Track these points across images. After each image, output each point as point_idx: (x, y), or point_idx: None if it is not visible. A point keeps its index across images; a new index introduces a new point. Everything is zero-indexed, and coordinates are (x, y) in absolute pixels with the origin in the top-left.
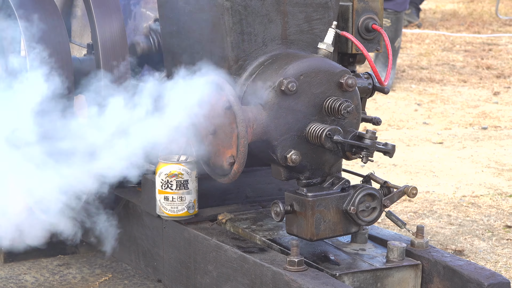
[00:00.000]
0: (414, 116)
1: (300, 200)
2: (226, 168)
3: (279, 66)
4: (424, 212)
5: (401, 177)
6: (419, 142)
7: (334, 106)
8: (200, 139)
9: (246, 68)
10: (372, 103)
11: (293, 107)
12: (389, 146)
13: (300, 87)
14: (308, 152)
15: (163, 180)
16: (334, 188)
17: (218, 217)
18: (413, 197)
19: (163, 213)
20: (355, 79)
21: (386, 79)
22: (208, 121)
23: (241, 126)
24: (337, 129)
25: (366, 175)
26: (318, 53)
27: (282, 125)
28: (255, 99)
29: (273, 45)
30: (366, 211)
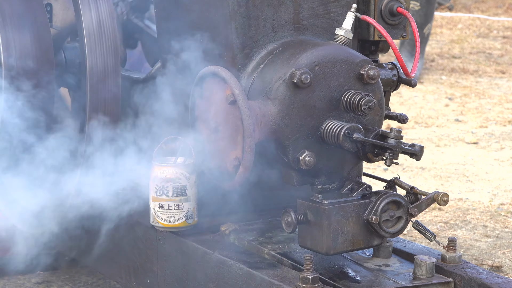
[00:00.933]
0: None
1: (314, 208)
2: (230, 171)
3: (291, 55)
4: (457, 222)
5: (430, 182)
6: (450, 142)
7: (354, 101)
8: (201, 139)
9: (253, 57)
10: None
11: (306, 102)
12: (416, 147)
13: (314, 79)
14: (323, 153)
15: (158, 185)
16: (353, 194)
17: (221, 227)
18: (444, 205)
19: (157, 223)
20: (378, 70)
21: (413, 70)
22: (210, 117)
23: (247, 124)
24: (357, 127)
25: (390, 180)
26: (335, 40)
27: (294, 122)
28: (263, 92)
29: (284, 31)
30: (390, 221)
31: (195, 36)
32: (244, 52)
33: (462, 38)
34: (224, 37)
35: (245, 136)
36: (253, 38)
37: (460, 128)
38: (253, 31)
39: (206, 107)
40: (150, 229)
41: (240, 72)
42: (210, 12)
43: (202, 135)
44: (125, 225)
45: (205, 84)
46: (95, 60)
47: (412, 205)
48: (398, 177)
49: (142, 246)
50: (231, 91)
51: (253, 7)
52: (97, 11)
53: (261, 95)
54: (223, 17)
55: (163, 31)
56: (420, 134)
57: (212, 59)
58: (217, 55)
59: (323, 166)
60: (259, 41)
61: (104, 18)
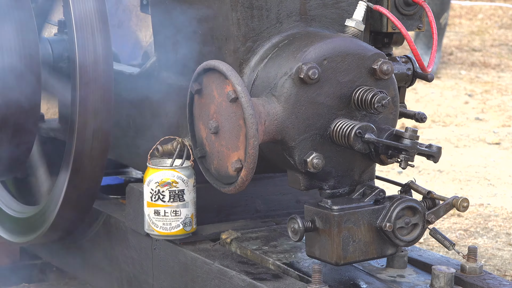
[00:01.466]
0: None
1: (323, 214)
2: (231, 175)
3: (297, 49)
4: (477, 230)
5: (448, 186)
6: (470, 142)
7: (366, 98)
8: (200, 139)
9: (256, 51)
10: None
11: (314, 99)
12: (433, 148)
13: (323, 75)
14: (333, 155)
15: (153, 190)
16: (365, 199)
17: (222, 235)
18: (464, 211)
19: (153, 231)
20: (392, 64)
21: (430, 64)
22: (209, 116)
23: (250, 123)
24: (370, 126)
25: (405, 183)
26: (346, 32)
27: (301, 121)
28: (267, 89)
29: (290, 23)
30: (405, 229)
31: (193, 28)
32: (246, 45)
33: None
34: (224, 29)
35: (247, 137)
36: (256, 30)
37: (481, 127)
38: (256, 23)
39: (205, 105)
40: (145, 237)
41: (242, 67)
42: (209, 2)
43: (201, 135)
44: (117, 233)
45: (204, 80)
46: (86, 54)
47: (429, 211)
48: (413, 180)
49: (136, 256)
50: (232, 88)
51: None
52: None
53: (265, 92)
54: (223, 7)
55: (158, 22)
56: (438, 133)
57: (212, 53)
58: (217, 48)
59: (333, 169)
60: (263, 33)
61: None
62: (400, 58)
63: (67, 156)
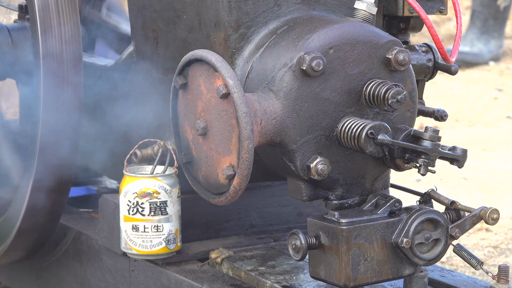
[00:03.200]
0: (493, 107)
1: (329, 229)
2: (222, 183)
3: (299, 36)
4: (509, 246)
5: (474, 195)
6: (500, 145)
7: (379, 92)
8: (185, 142)
9: (251, 38)
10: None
11: (319, 94)
12: (458, 151)
13: (329, 66)
14: (341, 159)
15: (131, 201)
16: (378, 211)
17: (211, 254)
18: (493, 224)
19: (131, 249)
20: (409, 53)
21: (453, 54)
22: (196, 115)
23: (243, 123)
24: (383, 126)
25: (425, 192)
26: (355, 16)
27: (304, 121)
28: (264, 83)
29: (290, 5)
30: (425, 245)
31: (176, 13)
32: (239, 32)
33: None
34: (213, 13)
35: (241, 139)
36: (250, 14)
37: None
38: (251, 5)
39: (191, 102)
40: (121, 257)
41: (235, 57)
42: None
43: (187, 137)
44: (89, 252)
45: (190, 73)
46: (51, 44)
47: (453, 224)
48: (435, 189)
49: (111, 279)
50: (223, 82)
51: None
52: None
53: (261, 87)
54: None
55: (135, 6)
56: (462, 135)
57: (199, 41)
58: (205, 36)
59: (340, 176)
60: (259, 17)
61: None
62: (419, 46)
63: (29, 164)
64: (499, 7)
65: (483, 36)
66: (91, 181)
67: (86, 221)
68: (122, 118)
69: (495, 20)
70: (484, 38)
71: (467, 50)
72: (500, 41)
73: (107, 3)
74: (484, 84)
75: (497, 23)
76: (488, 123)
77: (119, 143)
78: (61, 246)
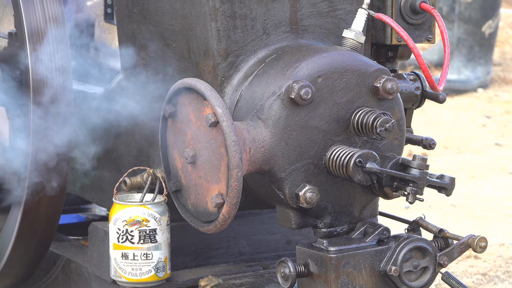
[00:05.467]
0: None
1: (318, 257)
2: (211, 211)
3: (287, 64)
4: (498, 274)
5: (463, 223)
6: (489, 172)
7: (367, 121)
8: (174, 171)
9: (240, 66)
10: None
11: (307, 123)
12: (446, 179)
13: (317, 94)
14: (329, 188)
15: (121, 229)
16: (367, 239)
17: (200, 282)
18: (482, 252)
19: (120, 277)
20: (397, 81)
21: (441, 82)
22: (185, 143)
23: (232, 151)
24: (372, 154)
25: (413, 220)
26: (343, 44)
27: (292, 149)
28: (252, 111)
29: (279, 34)
30: (413, 273)
31: (166, 41)
32: (228, 60)
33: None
34: (202, 42)
35: (230, 167)
36: (239, 42)
37: (501, 154)
38: (240, 34)
39: (180, 130)
40: (111, 285)
41: (223, 85)
42: (185, 10)
43: (176, 165)
44: (78, 279)
45: (179, 101)
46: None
47: (441, 252)
48: (423, 217)
49: None
50: (212, 110)
51: (239, 4)
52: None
53: (250, 115)
54: (201, 16)
55: (125, 34)
56: (451, 162)
57: (188, 69)
58: (194, 64)
59: (329, 204)
60: (247, 46)
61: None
62: (407, 75)
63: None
64: (484, 34)
65: (470, 63)
66: (81, 208)
67: (75, 249)
68: (111, 145)
69: (480, 47)
70: (471, 65)
71: (454, 78)
72: (487, 68)
73: (94, 44)
74: (472, 111)
75: (483, 50)
76: (477, 150)
77: (108, 171)
78: (50, 273)
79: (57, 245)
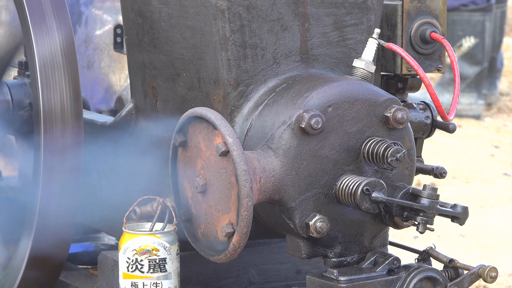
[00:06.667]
0: (490, 163)
1: (328, 286)
2: (221, 241)
3: (298, 94)
4: None
5: (473, 253)
6: (497, 202)
7: (378, 150)
8: (184, 200)
9: (250, 96)
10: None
11: (318, 152)
12: (458, 209)
13: (328, 124)
14: (339, 217)
15: (130, 258)
16: (377, 269)
17: None
18: (492, 282)
19: None
20: (407, 111)
21: (452, 112)
22: (195, 173)
23: (243, 181)
24: (378, 182)
25: (424, 250)
26: (353, 74)
27: (303, 178)
28: (263, 141)
29: (289, 63)
30: None
31: (176, 70)
32: (238, 89)
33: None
34: (213, 71)
35: (240, 197)
36: (249, 72)
37: (510, 184)
38: (250, 63)
39: (190, 159)
40: None
41: (234, 115)
42: (195, 40)
43: (186, 194)
44: None
45: (189, 130)
46: (51, 100)
47: (451, 282)
48: (433, 246)
49: None
50: (222, 139)
51: (249, 33)
52: (54, 37)
53: (261, 144)
54: (211, 45)
55: (135, 63)
56: (459, 191)
57: (198, 99)
58: (204, 93)
59: (339, 234)
60: (258, 75)
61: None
62: (417, 104)
63: (30, 221)
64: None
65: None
66: (90, 237)
67: (85, 278)
68: (122, 175)
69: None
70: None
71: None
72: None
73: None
74: (480, 140)
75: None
76: (485, 180)
77: (118, 200)
78: None
79: (67, 274)
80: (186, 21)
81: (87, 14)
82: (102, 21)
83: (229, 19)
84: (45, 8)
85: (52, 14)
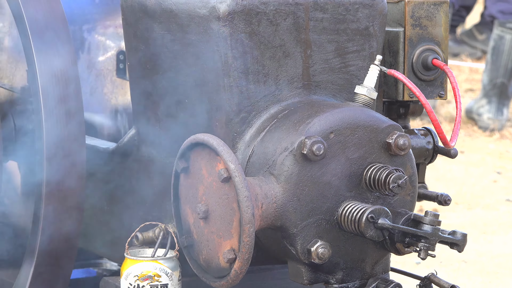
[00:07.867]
0: (492, 189)
1: None
2: (223, 266)
3: (300, 120)
4: None
5: (475, 279)
6: (499, 228)
7: (379, 177)
8: (186, 226)
9: (252, 122)
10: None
11: (319, 178)
12: (458, 235)
13: (329, 150)
14: (341, 243)
15: (132, 284)
16: None
17: None
18: None
19: None
20: (409, 137)
21: (453, 138)
22: (197, 199)
23: (245, 207)
24: (384, 210)
25: (425, 276)
26: (355, 100)
27: (304, 205)
28: (264, 167)
29: (291, 90)
30: None
31: (178, 97)
32: (240, 116)
33: None
34: (215, 98)
35: (242, 223)
36: (251, 98)
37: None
38: (252, 90)
39: (192, 185)
40: None
41: (236, 141)
42: (198, 66)
43: (188, 220)
44: None
45: (191, 156)
46: (53, 127)
47: None
48: (434, 273)
49: None
50: (224, 166)
51: (251, 60)
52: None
53: (262, 171)
54: (214, 72)
55: (137, 89)
56: (461, 217)
57: (200, 125)
58: (206, 120)
59: (341, 260)
60: (260, 102)
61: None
62: (419, 130)
63: (31, 247)
64: None
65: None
66: (92, 263)
67: None
68: (124, 200)
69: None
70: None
71: None
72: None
73: None
74: (483, 166)
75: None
76: (488, 206)
77: (120, 226)
78: None
79: None
80: (188, 47)
81: (90, 40)
82: (105, 47)
83: (232, 45)
84: (48, 35)
85: (56, 41)
